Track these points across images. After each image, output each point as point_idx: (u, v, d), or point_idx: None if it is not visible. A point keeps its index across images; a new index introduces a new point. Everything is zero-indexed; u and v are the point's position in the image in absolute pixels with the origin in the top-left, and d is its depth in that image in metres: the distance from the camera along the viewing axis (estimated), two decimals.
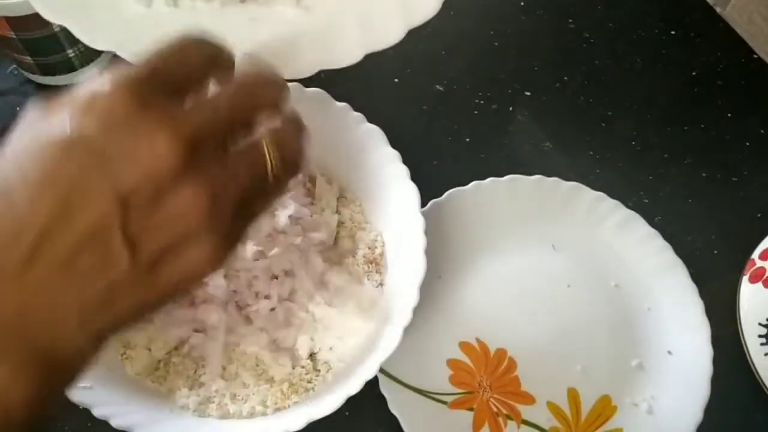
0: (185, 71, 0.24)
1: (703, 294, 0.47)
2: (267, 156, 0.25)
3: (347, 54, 0.32)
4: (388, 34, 0.32)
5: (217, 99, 0.25)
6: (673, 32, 0.61)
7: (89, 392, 0.38)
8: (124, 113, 0.22)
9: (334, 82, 0.44)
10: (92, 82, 0.23)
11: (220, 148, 0.24)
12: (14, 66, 0.55)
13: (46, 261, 0.21)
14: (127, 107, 0.22)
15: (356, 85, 0.48)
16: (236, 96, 0.25)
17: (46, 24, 0.47)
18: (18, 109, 0.43)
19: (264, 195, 0.26)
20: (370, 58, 0.32)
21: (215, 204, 0.23)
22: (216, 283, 0.42)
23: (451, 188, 0.49)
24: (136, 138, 0.22)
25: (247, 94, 0.25)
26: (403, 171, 0.43)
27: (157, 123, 0.22)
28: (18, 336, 0.21)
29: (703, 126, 0.56)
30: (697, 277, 0.47)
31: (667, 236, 0.49)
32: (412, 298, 0.40)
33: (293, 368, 0.42)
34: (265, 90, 0.26)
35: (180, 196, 0.22)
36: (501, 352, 0.46)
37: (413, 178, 0.43)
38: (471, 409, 0.44)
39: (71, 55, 0.51)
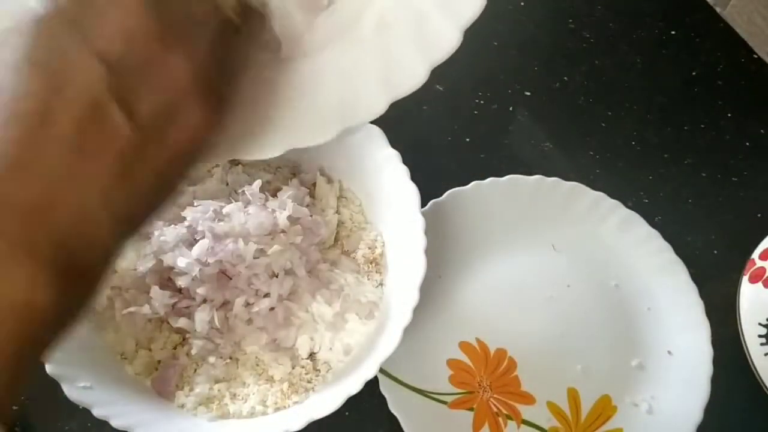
0: None
1: (703, 294, 0.47)
2: (228, 6, 0.25)
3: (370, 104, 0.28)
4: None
5: None
6: (673, 32, 0.61)
7: (89, 392, 0.38)
8: None
9: None
10: None
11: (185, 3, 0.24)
12: None
13: (53, 143, 0.20)
14: None
15: None
16: None
17: None
18: None
19: (238, 46, 0.26)
20: None
21: (201, 67, 0.23)
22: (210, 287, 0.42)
23: (451, 188, 0.49)
24: (108, 2, 0.22)
25: None
26: (403, 171, 0.43)
27: None
28: (41, 227, 0.20)
29: (703, 126, 0.56)
30: (697, 277, 0.47)
31: (667, 236, 0.49)
32: (412, 298, 0.40)
33: (293, 368, 0.42)
34: None
35: (159, 55, 0.22)
36: (501, 352, 0.46)
37: (413, 179, 0.43)
38: (471, 409, 0.44)
39: None
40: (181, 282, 0.42)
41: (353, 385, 0.38)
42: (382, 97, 0.28)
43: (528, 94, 0.58)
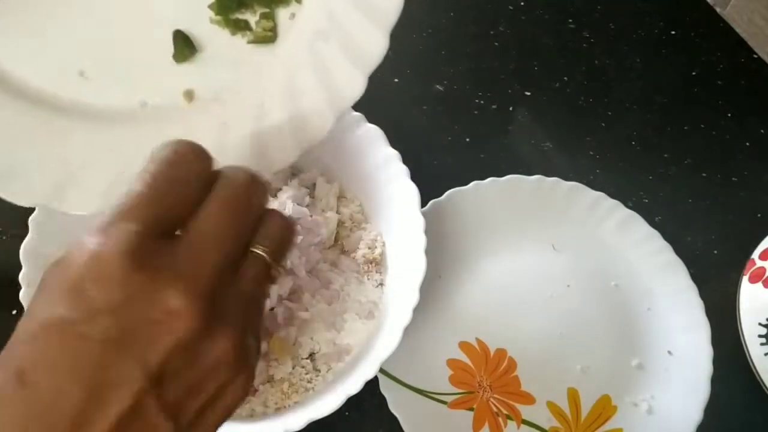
0: (179, 202, 0.23)
1: (703, 294, 0.47)
2: (268, 265, 0.25)
3: (319, 126, 0.31)
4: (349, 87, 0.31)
5: (215, 232, 0.23)
6: (673, 32, 0.61)
7: None
8: (130, 283, 0.21)
9: None
10: (85, 241, 0.21)
11: (227, 276, 0.23)
12: None
13: None
14: (131, 276, 0.21)
15: None
16: (230, 222, 0.24)
17: None
18: None
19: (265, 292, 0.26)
20: None
21: (242, 343, 0.23)
22: None
23: (451, 188, 0.49)
24: (151, 310, 0.21)
25: (238, 215, 0.24)
26: (403, 171, 0.43)
27: (168, 288, 0.21)
28: None
29: (703, 126, 0.56)
30: (697, 277, 0.47)
31: (667, 236, 0.49)
32: (412, 298, 0.40)
33: (293, 368, 0.42)
34: (253, 200, 0.25)
35: (209, 352, 0.22)
36: (501, 352, 0.46)
37: (413, 178, 0.43)
38: (471, 409, 0.44)
39: None
40: None
41: (353, 385, 0.38)
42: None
43: (528, 94, 0.58)
